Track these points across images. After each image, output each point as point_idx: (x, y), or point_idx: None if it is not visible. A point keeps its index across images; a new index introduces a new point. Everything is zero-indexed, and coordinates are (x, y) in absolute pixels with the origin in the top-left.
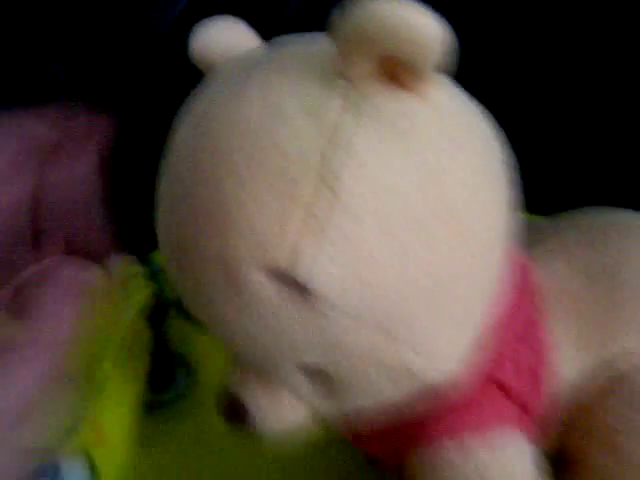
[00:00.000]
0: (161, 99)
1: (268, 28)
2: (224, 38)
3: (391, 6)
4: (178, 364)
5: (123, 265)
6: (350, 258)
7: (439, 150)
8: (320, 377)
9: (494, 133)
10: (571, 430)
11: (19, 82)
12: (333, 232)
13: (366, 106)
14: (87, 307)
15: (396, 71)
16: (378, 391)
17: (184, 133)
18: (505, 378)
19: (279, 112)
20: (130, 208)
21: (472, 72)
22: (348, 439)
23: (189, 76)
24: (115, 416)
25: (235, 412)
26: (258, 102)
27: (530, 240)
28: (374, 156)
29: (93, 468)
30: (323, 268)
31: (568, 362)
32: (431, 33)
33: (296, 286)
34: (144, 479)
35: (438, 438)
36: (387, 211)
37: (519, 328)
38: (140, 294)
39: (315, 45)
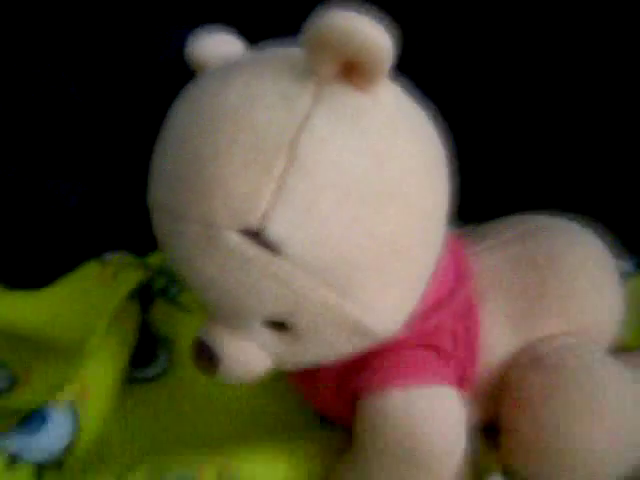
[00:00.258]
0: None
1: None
2: (217, 46)
3: (349, 18)
4: (160, 344)
5: (117, 257)
6: (311, 223)
7: (386, 139)
8: (282, 329)
9: (436, 130)
10: (501, 402)
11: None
12: (298, 201)
13: (330, 100)
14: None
15: (355, 74)
16: (332, 343)
17: (178, 115)
18: (444, 346)
19: (258, 100)
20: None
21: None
22: (302, 395)
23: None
24: (100, 378)
25: (206, 358)
26: (241, 90)
27: (474, 240)
28: (334, 140)
29: (76, 417)
30: (288, 230)
31: (499, 340)
32: (381, 43)
33: (265, 245)
34: (118, 435)
35: (383, 388)
36: (343, 185)
37: (458, 307)
38: (130, 279)
39: (294, 48)
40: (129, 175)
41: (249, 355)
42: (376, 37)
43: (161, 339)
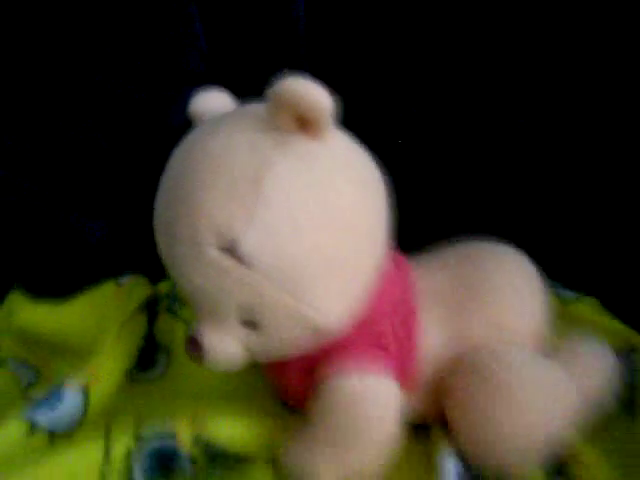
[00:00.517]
0: None
1: None
2: (210, 102)
3: (300, 84)
4: (160, 351)
5: (131, 279)
6: (273, 243)
7: (332, 176)
8: (252, 326)
9: (376, 171)
10: (439, 397)
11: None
12: (263, 226)
13: (289, 147)
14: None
15: (307, 126)
16: (291, 338)
17: (175, 159)
18: (386, 340)
19: (234, 148)
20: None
21: None
22: (269, 380)
23: None
24: (108, 369)
25: (194, 348)
26: (221, 141)
27: (423, 263)
28: (290, 178)
29: (86, 398)
30: (256, 249)
31: (433, 339)
32: (324, 103)
33: (238, 259)
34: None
35: (339, 375)
36: (294, 210)
37: (400, 310)
38: (140, 295)
39: (262, 107)
40: (142, 214)
41: (228, 346)
42: (320, 98)
43: (161, 347)
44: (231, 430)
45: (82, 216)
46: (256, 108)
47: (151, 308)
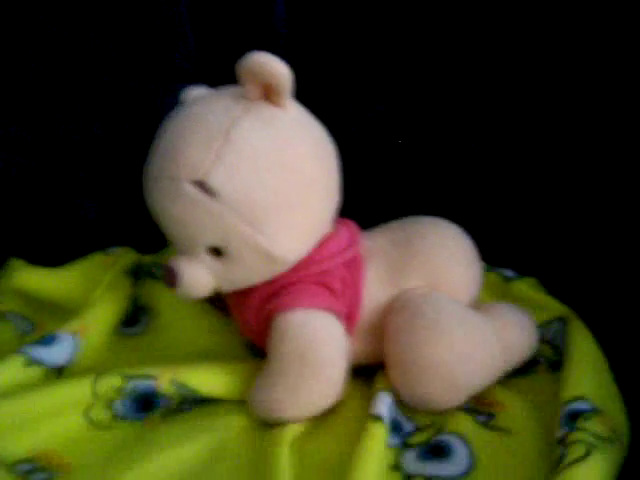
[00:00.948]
0: None
1: None
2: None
3: (261, 57)
4: (142, 311)
5: (118, 250)
6: (235, 180)
7: (287, 133)
8: (219, 255)
9: (328, 139)
10: (378, 340)
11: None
12: (227, 163)
13: (254, 110)
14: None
15: (270, 95)
16: (252, 267)
17: (166, 122)
18: (335, 287)
19: (211, 110)
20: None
21: None
22: (235, 319)
23: None
24: (97, 320)
25: (171, 276)
26: (202, 105)
27: (372, 230)
28: (253, 131)
29: (77, 342)
30: (221, 183)
31: (376, 289)
32: (282, 72)
33: (207, 192)
34: (109, 361)
35: (287, 310)
36: (256, 158)
37: (348, 261)
38: (125, 260)
39: (238, 88)
40: (132, 195)
41: (199, 274)
42: (278, 67)
43: (144, 307)
44: (205, 375)
45: (79, 196)
46: (234, 88)
47: (135, 274)
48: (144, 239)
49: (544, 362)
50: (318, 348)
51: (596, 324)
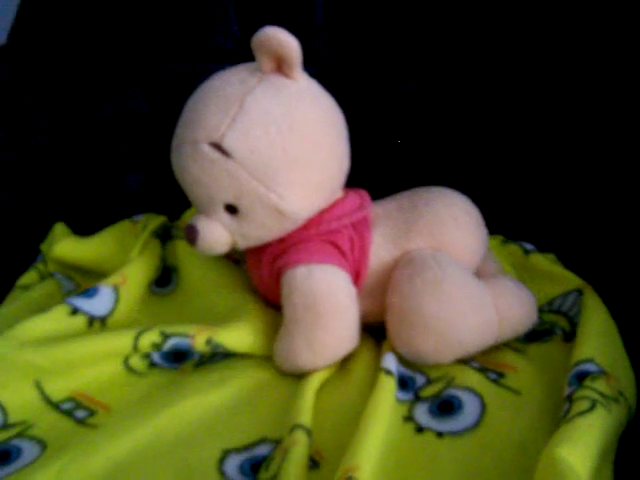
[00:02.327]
0: None
1: None
2: None
3: (272, 30)
4: (172, 271)
5: (145, 216)
6: (248, 141)
7: (297, 101)
8: (234, 213)
9: (336, 106)
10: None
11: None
12: (241, 127)
13: (268, 82)
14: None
15: (283, 68)
16: (264, 223)
17: (192, 94)
18: (343, 246)
19: (228, 82)
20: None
21: None
22: (251, 279)
23: None
24: (134, 275)
25: (191, 233)
26: (220, 78)
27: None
28: (265, 100)
29: (116, 294)
30: (235, 144)
31: (383, 250)
32: (291, 44)
33: (223, 152)
34: (144, 316)
35: (295, 265)
36: (267, 122)
37: (356, 223)
38: (152, 225)
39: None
40: (168, 171)
41: (216, 231)
42: (287, 38)
43: (172, 267)
44: (237, 333)
45: (123, 169)
46: (252, 63)
47: (162, 237)
48: (176, 211)
49: (559, 333)
50: (326, 298)
51: (611, 300)
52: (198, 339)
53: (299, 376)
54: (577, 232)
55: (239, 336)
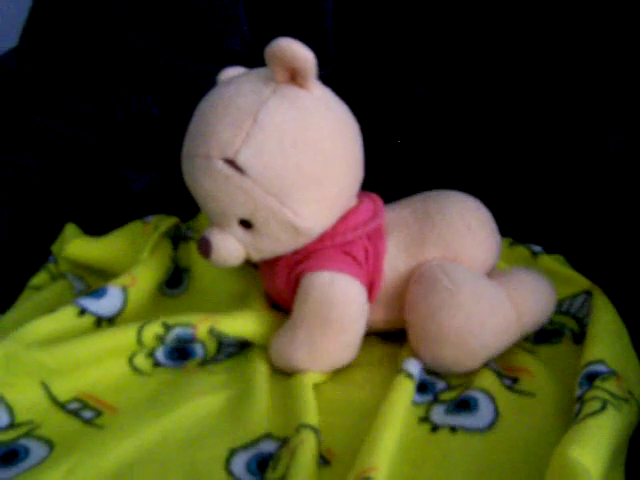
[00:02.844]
0: None
1: None
2: (231, 72)
3: (286, 41)
4: (183, 273)
5: (156, 218)
6: (263, 157)
7: (312, 114)
8: (249, 227)
9: (353, 118)
10: (399, 308)
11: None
12: (255, 142)
13: (282, 93)
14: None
15: (297, 78)
16: (278, 238)
17: (201, 102)
18: (358, 256)
19: (241, 93)
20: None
21: None
22: (264, 286)
23: None
24: (144, 276)
25: (205, 246)
26: (233, 88)
27: (396, 203)
28: (279, 112)
29: (125, 295)
30: (250, 160)
31: (397, 259)
32: (305, 56)
33: (237, 168)
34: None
35: (313, 271)
36: (280, 135)
37: (371, 233)
38: (163, 226)
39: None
40: (179, 173)
41: (230, 244)
42: (301, 50)
43: (183, 269)
44: (239, 321)
45: (130, 169)
46: (264, 70)
47: (174, 239)
48: (187, 212)
49: (568, 334)
50: (341, 309)
51: (618, 299)
52: (200, 328)
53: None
54: (585, 234)
55: (241, 324)
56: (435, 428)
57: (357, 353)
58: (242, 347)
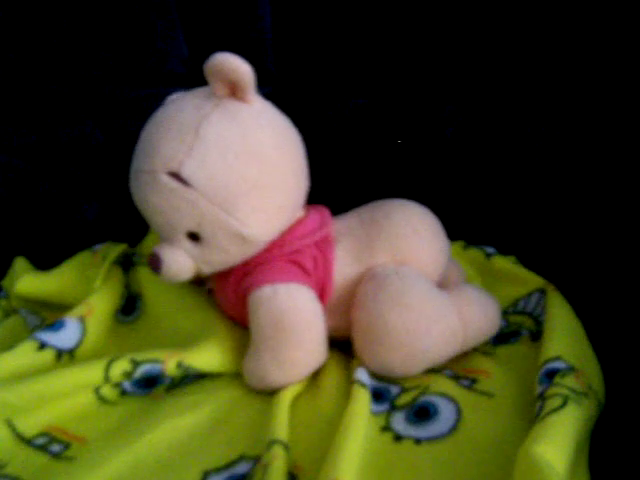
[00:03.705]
0: None
1: None
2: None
3: (223, 56)
4: (136, 298)
5: (104, 246)
6: (206, 169)
7: (251, 125)
8: (196, 240)
9: (294, 130)
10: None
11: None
12: (198, 155)
13: (223, 107)
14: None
15: (237, 92)
16: (227, 249)
17: (148, 121)
18: (306, 265)
19: (183, 109)
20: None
21: None
22: (217, 301)
23: None
24: (100, 305)
25: (154, 262)
26: (176, 105)
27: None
28: (220, 125)
29: (83, 326)
30: (194, 173)
31: (346, 266)
32: (243, 70)
33: (181, 181)
34: (113, 345)
35: (259, 285)
36: (222, 147)
37: (319, 242)
38: (112, 254)
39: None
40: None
41: (180, 258)
42: (239, 64)
43: (136, 294)
44: (207, 354)
45: (79, 198)
46: (206, 88)
47: (123, 265)
48: (135, 238)
49: (526, 333)
50: (292, 316)
51: (571, 295)
52: (169, 364)
53: (270, 392)
54: (535, 234)
55: (209, 357)
56: (398, 438)
57: (327, 353)
58: (210, 375)
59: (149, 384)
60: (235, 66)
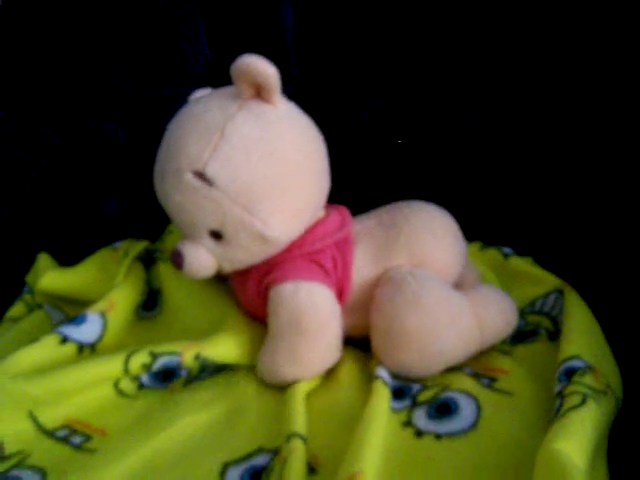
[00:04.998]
0: None
1: None
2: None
3: (250, 59)
4: (157, 294)
5: (125, 243)
6: (228, 167)
7: (277, 126)
8: (219, 238)
9: (318, 131)
10: (366, 314)
11: (75, 221)
12: (222, 155)
13: (248, 108)
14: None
15: (262, 94)
16: (248, 248)
17: (171, 121)
18: (326, 265)
19: (208, 109)
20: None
21: None
22: (237, 297)
23: None
24: (121, 300)
25: (177, 258)
26: (201, 105)
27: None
28: (245, 126)
29: (104, 321)
30: (218, 172)
31: (365, 267)
32: (269, 72)
33: (205, 180)
34: (133, 339)
35: (280, 282)
36: (247, 147)
37: (338, 242)
38: (133, 250)
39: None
40: (149, 196)
41: (202, 256)
42: (265, 66)
43: (156, 291)
44: (224, 346)
45: (102, 197)
46: (231, 88)
47: (144, 261)
48: (156, 235)
49: (543, 333)
50: (311, 314)
51: (588, 296)
52: (186, 356)
53: (284, 387)
54: (552, 235)
55: (225, 349)
56: (420, 433)
57: (341, 351)
58: (226, 367)
59: (166, 377)
60: (262, 69)
